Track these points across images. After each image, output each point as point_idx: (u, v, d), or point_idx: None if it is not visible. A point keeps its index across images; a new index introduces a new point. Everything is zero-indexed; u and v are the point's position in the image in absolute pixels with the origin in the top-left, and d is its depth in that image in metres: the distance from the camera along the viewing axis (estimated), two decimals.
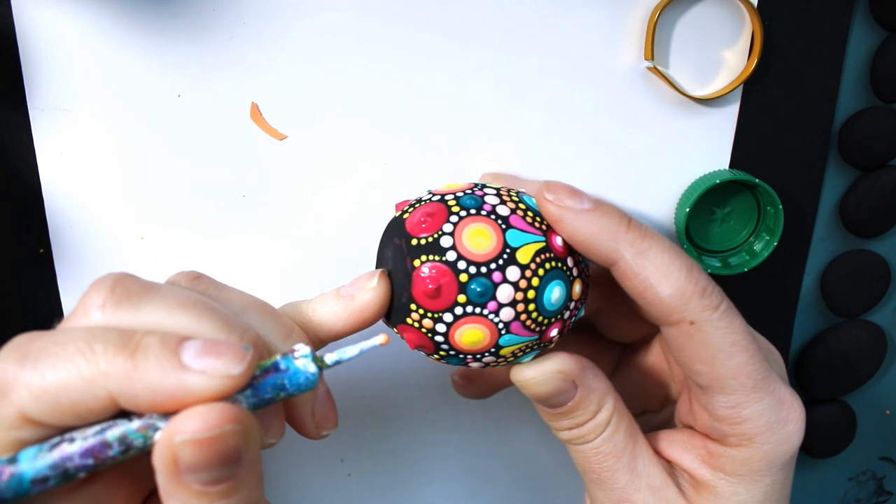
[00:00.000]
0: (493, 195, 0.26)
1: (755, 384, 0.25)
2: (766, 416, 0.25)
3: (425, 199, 0.26)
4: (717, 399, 0.25)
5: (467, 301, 0.24)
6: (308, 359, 0.21)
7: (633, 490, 0.27)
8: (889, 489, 0.45)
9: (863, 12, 0.35)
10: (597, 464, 0.27)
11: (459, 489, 0.40)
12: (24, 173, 0.32)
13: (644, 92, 0.34)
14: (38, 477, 0.19)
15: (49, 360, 0.19)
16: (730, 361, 0.25)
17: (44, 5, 0.30)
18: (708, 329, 0.25)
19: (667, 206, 0.36)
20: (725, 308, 0.25)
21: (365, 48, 0.32)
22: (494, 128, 0.34)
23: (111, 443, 0.19)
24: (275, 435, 0.23)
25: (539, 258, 0.25)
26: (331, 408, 0.25)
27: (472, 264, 0.24)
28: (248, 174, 0.33)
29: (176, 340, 0.20)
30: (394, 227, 0.26)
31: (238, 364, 0.19)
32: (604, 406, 0.27)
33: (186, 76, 0.31)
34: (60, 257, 0.33)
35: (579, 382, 0.26)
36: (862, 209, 0.37)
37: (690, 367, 0.26)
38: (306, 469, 0.38)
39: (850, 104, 0.36)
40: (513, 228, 0.25)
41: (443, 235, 0.24)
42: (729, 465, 0.26)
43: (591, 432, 0.27)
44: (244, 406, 0.20)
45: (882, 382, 0.42)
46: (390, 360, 0.37)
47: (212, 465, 0.19)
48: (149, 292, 0.21)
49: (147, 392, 0.19)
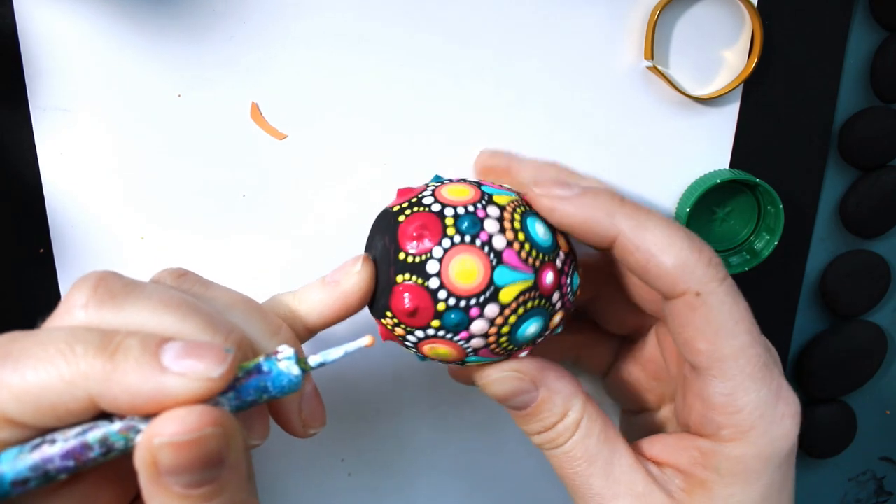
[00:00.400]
0: (495, 220, 0.24)
1: (754, 371, 0.25)
2: (762, 408, 0.25)
3: (426, 203, 0.25)
4: (713, 385, 0.25)
5: (440, 326, 0.24)
6: (292, 361, 0.21)
7: (610, 496, 0.26)
8: (889, 489, 0.45)
9: (863, 12, 0.35)
10: (570, 469, 0.27)
11: (459, 489, 0.40)
12: (25, 173, 0.32)
13: (644, 92, 0.34)
14: (19, 479, 0.19)
15: (30, 362, 0.19)
16: (733, 341, 0.24)
17: (45, 5, 0.30)
18: (713, 302, 0.24)
19: (667, 205, 0.36)
20: (731, 283, 0.24)
21: (365, 48, 0.32)
22: (494, 128, 0.34)
23: (92, 445, 0.19)
24: (258, 436, 0.23)
25: (522, 297, 0.24)
26: (318, 406, 0.25)
27: (452, 296, 0.24)
28: (248, 174, 0.33)
29: (156, 342, 0.19)
30: (386, 222, 0.26)
31: (219, 366, 0.19)
32: (571, 408, 0.27)
33: (187, 76, 0.31)
34: (60, 257, 0.33)
35: (539, 383, 0.26)
36: (862, 209, 0.37)
37: (692, 346, 0.25)
38: (306, 469, 0.38)
39: (850, 104, 0.36)
40: (503, 265, 0.24)
41: (430, 260, 0.24)
42: (723, 464, 0.25)
43: (561, 436, 0.27)
44: (226, 408, 0.20)
45: (882, 382, 0.42)
46: (391, 361, 0.37)
47: (192, 468, 0.19)
48: (132, 292, 0.21)
49: (127, 394, 0.19)
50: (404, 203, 0.26)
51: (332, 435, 0.38)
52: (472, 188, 0.26)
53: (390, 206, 0.26)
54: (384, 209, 0.26)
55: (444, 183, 0.26)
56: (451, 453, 0.39)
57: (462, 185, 0.26)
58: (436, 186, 0.26)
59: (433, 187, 0.26)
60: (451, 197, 0.25)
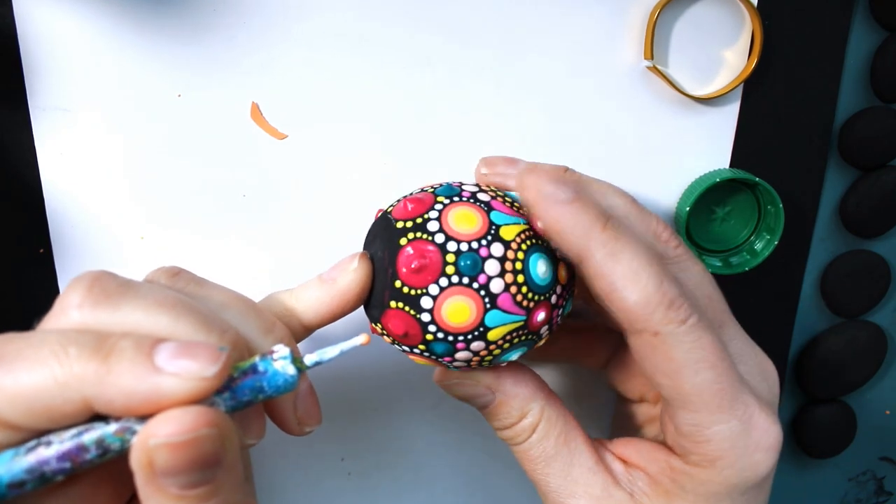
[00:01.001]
0: (497, 261, 0.24)
1: (720, 404, 0.24)
2: (731, 440, 0.25)
3: (431, 231, 0.25)
4: (680, 415, 0.25)
5: (426, 350, 0.25)
6: (287, 360, 0.21)
7: (567, 495, 0.27)
8: (889, 489, 0.45)
9: (863, 12, 0.35)
10: (528, 465, 0.28)
11: (460, 488, 0.40)
12: (25, 173, 0.32)
13: (644, 91, 0.34)
14: (15, 481, 0.19)
15: (24, 364, 0.19)
16: (694, 378, 0.24)
17: (45, 5, 0.30)
18: (672, 342, 0.24)
19: (667, 205, 0.36)
20: (694, 323, 0.24)
21: (365, 48, 0.32)
22: (494, 127, 0.34)
23: (88, 446, 0.19)
24: (254, 436, 0.23)
25: (510, 336, 0.25)
26: (313, 404, 0.25)
27: (441, 331, 0.24)
28: (248, 174, 0.33)
29: (150, 343, 0.19)
30: (388, 235, 0.25)
31: (213, 365, 0.19)
32: (528, 412, 0.28)
33: (187, 76, 0.31)
34: (60, 257, 0.33)
35: (495, 389, 0.28)
36: (862, 209, 0.37)
37: (654, 379, 0.25)
38: (306, 469, 0.38)
39: (850, 104, 0.36)
40: (497, 309, 0.24)
41: (425, 296, 0.24)
42: (688, 484, 0.26)
43: (518, 436, 0.28)
44: (222, 409, 0.20)
45: (882, 382, 0.42)
46: (391, 361, 0.37)
47: (188, 468, 0.19)
48: (127, 292, 0.21)
49: (121, 396, 0.19)
50: (409, 222, 0.25)
51: (332, 435, 0.38)
52: (480, 216, 0.25)
53: (394, 217, 0.25)
54: (388, 214, 0.26)
55: (452, 201, 0.25)
56: (452, 453, 0.39)
57: (470, 210, 0.25)
58: (443, 206, 0.25)
59: (441, 206, 0.25)
60: (456, 228, 0.24)
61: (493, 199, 0.26)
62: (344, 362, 0.37)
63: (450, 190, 0.26)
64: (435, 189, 0.26)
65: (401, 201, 0.26)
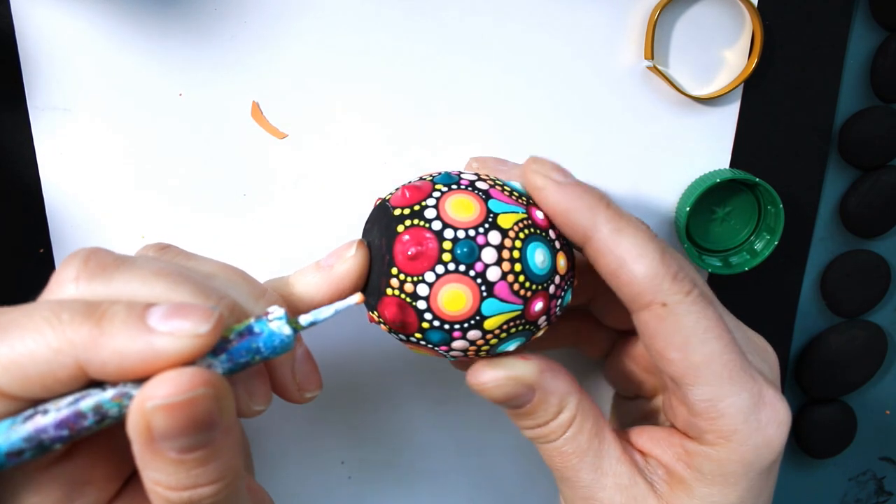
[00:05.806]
0: (494, 248, 0.24)
1: (731, 375, 0.25)
2: (744, 413, 0.25)
3: (428, 218, 0.25)
4: (692, 391, 0.25)
5: (423, 338, 0.25)
6: (282, 321, 0.21)
7: (598, 488, 0.27)
8: (889, 489, 0.45)
9: (863, 12, 0.35)
10: (560, 462, 0.27)
11: (460, 490, 0.40)
12: (24, 173, 0.32)
13: (644, 91, 0.34)
14: (13, 450, 0.19)
15: (17, 332, 0.19)
16: (703, 347, 0.24)
17: (43, 5, 0.30)
18: (680, 312, 0.24)
19: (667, 205, 0.36)
20: (698, 295, 0.25)
21: (365, 48, 0.32)
22: (494, 127, 0.34)
23: (86, 413, 0.19)
24: (261, 401, 0.23)
25: (507, 325, 0.25)
26: (312, 369, 0.25)
27: (437, 319, 0.24)
28: (249, 173, 0.33)
29: (142, 306, 0.19)
30: (386, 222, 0.25)
31: (205, 323, 0.19)
32: (565, 407, 0.27)
33: (187, 75, 0.31)
34: (60, 257, 0.33)
35: (536, 386, 0.27)
36: (862, 209, 0.37)
37: (664, 355, 0.25)
38: (306, 471, 0.38)
39: (850, 104, 0.36)
40: (493, 297, 0.24)
41: (421, 283, 0.24)
42: (705, 465, 0.26)
43: (553, 433, 0.27)
44: (219, 371, 0.20)
45: (882, 382, 0.42)
46: (391, 361, 0.37)
47: (186, 430, 0.18)
48: (122, 264, 0.21)
49: (115, 357, 0.19)
50: (406, 209, 0.25)
51: (333, 437, 0.38)
52: (477, 203, 0.25)
53: (392, 204, 0.26)
54: (386, 202, 0.26)
55: (450, 189, 0.25)
56: (452, 454, 0.39)
57: (468, 198, 0.25)
58: (441, 193, 0.25)
59: (438, 194, 0.25)
60: (453, 215, 0.24)
61: (491, 187, 0.26)
62: (343, 362, 0.37)
63: (448, 178, 0.26)
64: (433, 177, 0.26)
65: (399, 189, 0.26)
